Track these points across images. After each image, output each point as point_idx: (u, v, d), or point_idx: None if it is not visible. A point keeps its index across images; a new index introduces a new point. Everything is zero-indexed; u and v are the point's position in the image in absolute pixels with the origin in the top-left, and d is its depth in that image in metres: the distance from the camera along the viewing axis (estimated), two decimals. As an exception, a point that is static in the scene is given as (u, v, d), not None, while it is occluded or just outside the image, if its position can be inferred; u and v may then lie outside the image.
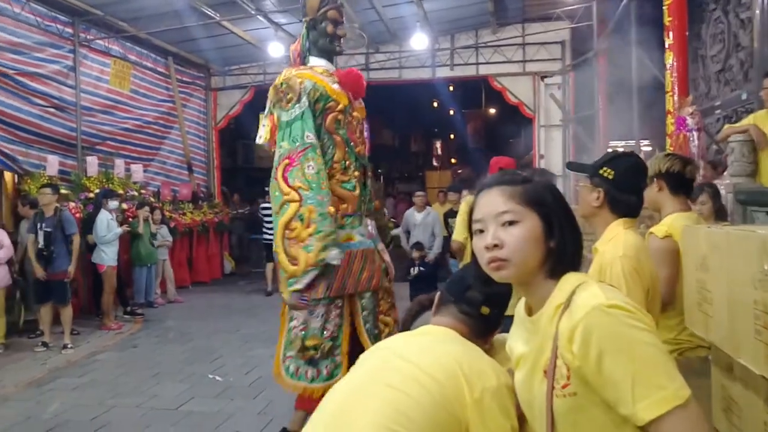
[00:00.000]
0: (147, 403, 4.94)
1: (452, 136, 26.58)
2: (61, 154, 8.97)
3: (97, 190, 8.47)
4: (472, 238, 1.31)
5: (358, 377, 1.54)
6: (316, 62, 3.66)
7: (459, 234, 5.15)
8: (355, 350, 3.36)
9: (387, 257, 3.80)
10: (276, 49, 10.67)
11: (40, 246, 6.63)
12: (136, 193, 9.42)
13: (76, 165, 9.19)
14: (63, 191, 8.18)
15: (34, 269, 6.63)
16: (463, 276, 1.73)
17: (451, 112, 22.08)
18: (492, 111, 22.33)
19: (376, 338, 3.49)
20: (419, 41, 10.93)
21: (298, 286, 3.28)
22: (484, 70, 12.29)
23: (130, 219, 8.59)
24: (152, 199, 9.91)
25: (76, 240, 6.86)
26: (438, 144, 27.60)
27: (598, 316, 1.11)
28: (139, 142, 10.81)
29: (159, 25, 9.81)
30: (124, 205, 8.66)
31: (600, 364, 1.09)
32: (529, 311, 1.32)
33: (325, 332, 3.38)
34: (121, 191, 8.83)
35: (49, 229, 6.67)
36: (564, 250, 1.25)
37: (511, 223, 1.23)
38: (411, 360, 1.47)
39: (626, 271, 1.98)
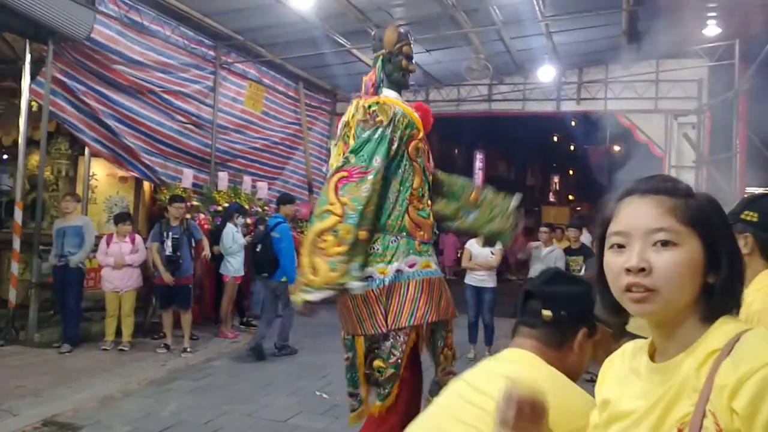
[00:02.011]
0: (257, 412, 5.04)
1: (571, 172, 25.75)
2: (196, 168, 9.56)
3: (226, 204, 8.92)
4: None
5: (433, 412, 1.45)
6: (389, 94, 3.67)
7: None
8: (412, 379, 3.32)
9: (444, 294, 3.66)
10: (400, 77, 10.83)
11: (167, 253, 7.04)
12: (260, 209, 9.82)
13: (208, 179, 9.75)
14: (194, 203, 8.71)
15: (162, 275, 7.05)
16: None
17: (572, 147, 21.41)
18: (617, 148, 21.42)
19: (436, 369, 3.49)
20: (546, 74, 10.71)
21: (312, 298, 3.18)
22: (612, 106, 11.81)
23: (252, 233, 8.95)
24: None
25: (205, 243, 7.25)
26: (556, 179, 26.87)
27: None
28: (266, 161, 11.32)
29: (293, 51, 10.28)
30: (248, 220, 9.04)
31: None
32: (652, 355, 1.08)
33: (391, 357, 3.30)
34: (246, 206, 9.25)
35: (176, 237, 7.07)
36: (727, 288, 1.00)
37: (665, 244, 0.98)
38: (481, 389, 1.35)
39: None
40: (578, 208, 21.13)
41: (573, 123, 17.97)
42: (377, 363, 3.33)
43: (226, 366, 6.64)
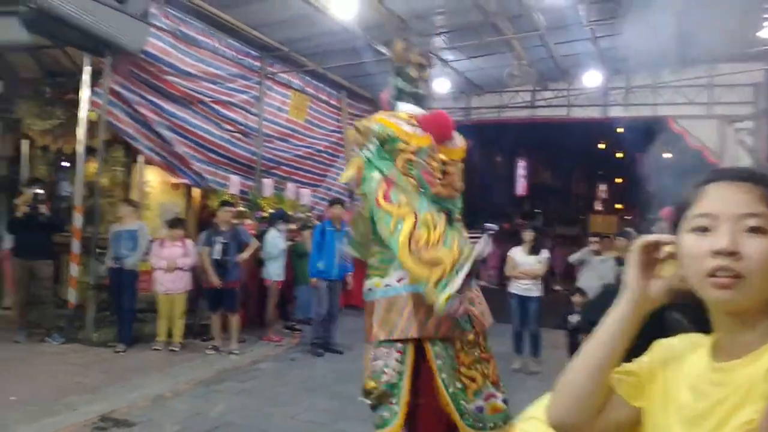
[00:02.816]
0: (301, 415, 5.16)
1: (619, 180, 25.24)
2: (242, 175, 9.81)
3: (271, 210, 9.14)
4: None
5: None
6: (403, 107, 3.63)
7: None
8: (430, 403, 3.18)
9: (477, 307, 3.45)
10: (442, 85, 10.89)
11: (216, 257, 7.27)
12: (303, 215, 10.01)
13: (254, 186, 10.00)
14: (241, 209, 8.95)
15: (210, 278, 7.27)
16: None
17: (620, 154, 21.01)
18: (667, 155, 20.92)
19: (461, 392, 3.22)
20: (592, 79, 10.59)
21: (453, 287, 2.94)
22: (662, 111, 11.58)
23: (296, 239, 9.14)
24: (317, 222, 10.46)
25: (253, 244, 7.52)
26: (603, 187, 26.35)
27: None
28: (309, 169, 11.53)
29: (335, 61, 10.47)
30: (292, 225, 9.23)
31: None
32: (713, 352, 1.03)
33: (383, 376, 3.19)
34: (290, 212, 9.45)
35: (225, 241, 7.29)
36: None
37: (756, 230, 0.93)
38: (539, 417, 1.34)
39: None
40: (627, 217, 20.67)
41: (620, 129, 17.63)
42: (369, 384, 3.22)
43: (271, 368, 6.80)
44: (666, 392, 1.06)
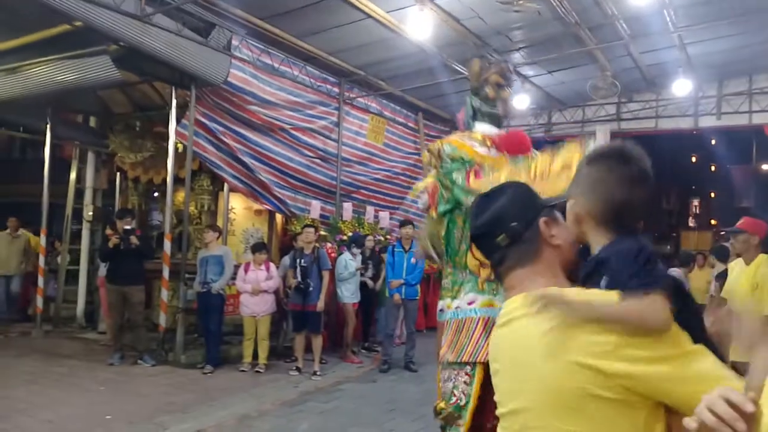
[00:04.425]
0: (384, 437, 5.05)
1: (713, 194, 23.83)
2: (322, 199, 9.95)
3: (350, 233, 9.19)
4: None
5: None
6: (479, 127, 3.57)
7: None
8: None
9: None
10: (522, 102, 10.68)
11: (297, 280, 7.34)
12: (382, 238, 10.01)
13: (334, 210, 10.11)
14: (322, 233, 9.05)
15: (289, 281, 7.43)
16: None
17: (713, 168, 19.86)
18: (765, 166, 19.59)
19: None
20: (681, 88, 10.09)
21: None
22: (758, 119, 10.86)
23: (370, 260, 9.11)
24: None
25: (326, 275, 7.46)
26: (695, 202, 24.97)
27: None
28: (387, 192, 11.55)
29: (412, 83, 10.50)
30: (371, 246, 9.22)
31: None
32: None
33: (452, 398, 3.18)
34: (370, 235, 9.46)
35: (305, 265, 7.36)
36: None
37: None
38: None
39: None
40: (722, 233, 19.41)
41: (713, 141, 16.69)
42: (439, 405, 3.25)
43: (353, 390, 6.75)
44: None
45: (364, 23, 8.18)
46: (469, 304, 3.28)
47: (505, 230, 1.40)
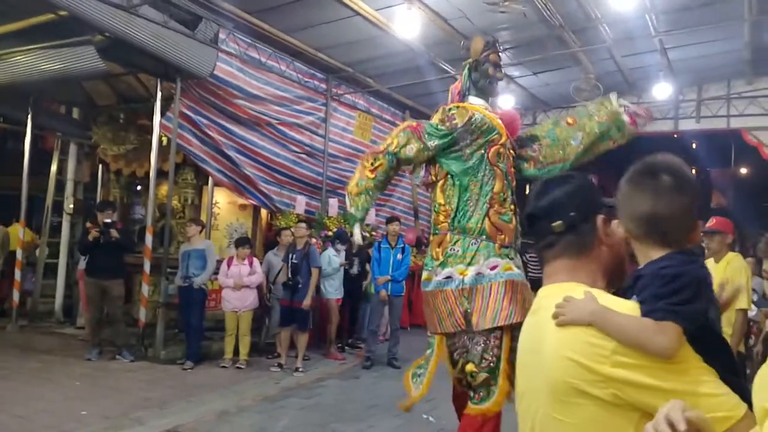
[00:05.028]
0: (364, 432, 5.08)
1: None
2: (308, 195, 9.93)
3: (335, 229, 9.19)
4: None
5: None
6: (475, 101, 3.76)
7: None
8: None
9: None
10: (506, 102, 10.73)
11: (288, 275, 7.33)
12: (368, 234, 10.01)
13: (320, 206, 10.10)
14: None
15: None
16: None
17: (693, 170, 20.13)
18: (743, 170, 19.90)
19: None
20: (662, 91, 10.22)
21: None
22: (736, 123, 11.04)
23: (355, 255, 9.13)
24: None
25: (315, 273, 7.46)
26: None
27: None
28: (373, 188, 11.54)
29: (399, 81, 10.52)
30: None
31: None
32: None
33: (483, 362, 3.30)
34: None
35: (296, 261, 7.35)
36: None
37: None
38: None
39: None
40: (701, 233, 19.67)
41: (693, 144, 16.90)
42: (469, 367, 3.34)
43: (335, 386, 6.76)
44: None
45: (353, 20, 8.18)
46: (492, 269, 3.40)
47: (563, 218, 1.42)
